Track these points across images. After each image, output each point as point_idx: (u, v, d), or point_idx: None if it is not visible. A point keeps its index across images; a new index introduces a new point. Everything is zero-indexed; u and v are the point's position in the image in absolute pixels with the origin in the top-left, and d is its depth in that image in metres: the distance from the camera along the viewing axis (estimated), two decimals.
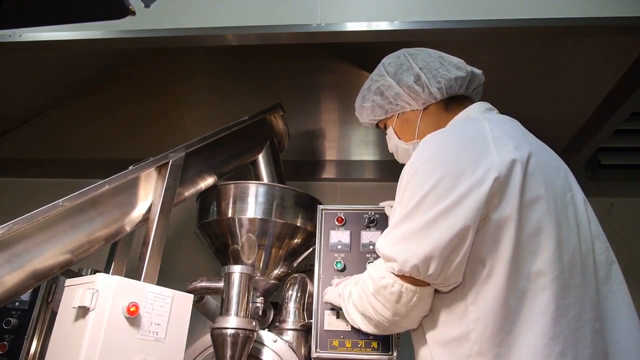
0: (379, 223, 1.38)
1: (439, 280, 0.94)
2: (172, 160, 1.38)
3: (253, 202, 1.58)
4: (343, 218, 1.41)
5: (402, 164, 1.10)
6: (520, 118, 1.15)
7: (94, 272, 1.49)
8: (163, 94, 2.22)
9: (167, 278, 1.30)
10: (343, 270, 1.33)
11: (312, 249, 1.66)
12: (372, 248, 1.33)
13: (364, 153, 2.27)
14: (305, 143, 2.24)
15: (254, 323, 1.31)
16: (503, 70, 1.62)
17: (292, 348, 1.42)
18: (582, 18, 1.31)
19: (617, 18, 1.30)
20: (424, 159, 1.00)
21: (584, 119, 1.76)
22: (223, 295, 1.33)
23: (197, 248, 2.11)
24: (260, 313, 1.57)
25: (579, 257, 0.94)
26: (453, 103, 1.22)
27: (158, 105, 2.23)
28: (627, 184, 2.08)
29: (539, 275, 0.89)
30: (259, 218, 1.56)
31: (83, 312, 1.01)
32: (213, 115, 2.22)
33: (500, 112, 1.19)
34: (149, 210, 1.34)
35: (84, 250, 1.20)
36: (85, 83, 2.22)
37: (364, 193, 2.25)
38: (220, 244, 1.64)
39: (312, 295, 1.37)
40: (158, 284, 1.15)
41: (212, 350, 1.35)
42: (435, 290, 0.99)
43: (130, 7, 0.95)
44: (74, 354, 0.98)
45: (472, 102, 1.23)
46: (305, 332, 1.48)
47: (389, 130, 1.32)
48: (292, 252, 1.66)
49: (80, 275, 1.55)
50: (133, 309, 1.03)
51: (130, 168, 1.37)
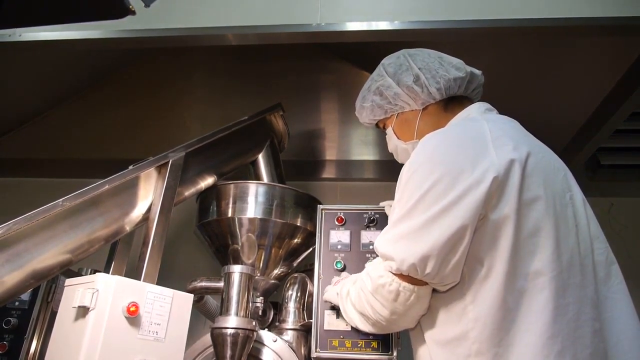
0: (379, 223, 1.38)
1: (437, 280, 0.94)
2: (172, 160, 1.38)
3: (253, 202, 1.58)
4: (343, 218, 1.41)
5: (401, 164, 1.10)
6: (520, 118, 1.15)
7: (94, 271, 1.49)
8: (163, 94, 2.22)
9: (167, 278, 1.30)
10: (343, 270, 1.33)
11: (312, 249, 1.66)
12: (372, 248, 1.33)
13: (364, 153, 2.27)
14: (305, 143, 2.24)
15: (254, 323, 1.31)
16: (503, 71, 1.62)
17: (292, 348, 1.42)
18: (582, 18, 1.31)
19: (617, 18, 1.30)
20: (423, 159, 1.00)
21: (584, 119, 1.76)
22: (223, 295, 1.33)
23: (197, 248, 2.11)
24: (260, 313, 1.57)
25: (578, 257, 0.94)
26: (452, 103, 1.22)
27: (158, 105, 2.22)
28: (626, 184, 2.08)
29: (538, 275, 0.90)
30: (259, 218, 1.56)
31: (83, 311, 1.02)
32: (213, 115, 2.22)
33: (500, 112, 1.19)
34: (149, 210, 1.34)
35: (84, 250, 1.20)
36: (85, 83, 2.21)
37: (364, 193, 2.25)
38: (220, 244, 1.64)
39: (312, 295, 1.37)
40: (158, 284, 1.15)
41: (212, 350, 1.35)
42: (434, 290, 1.00)
43: (130, 6, 0.94)
44: (74, 354, 0.98)
45: (471, 102, 1.23)
46: (305, 332, 1.48)
47: (389, 130, 1.32)
48: (292, 252, 1.66)
49: (80, 275, 1.55)
50: (133, 309, 1.03)
51: (130, 168, 1.37)
